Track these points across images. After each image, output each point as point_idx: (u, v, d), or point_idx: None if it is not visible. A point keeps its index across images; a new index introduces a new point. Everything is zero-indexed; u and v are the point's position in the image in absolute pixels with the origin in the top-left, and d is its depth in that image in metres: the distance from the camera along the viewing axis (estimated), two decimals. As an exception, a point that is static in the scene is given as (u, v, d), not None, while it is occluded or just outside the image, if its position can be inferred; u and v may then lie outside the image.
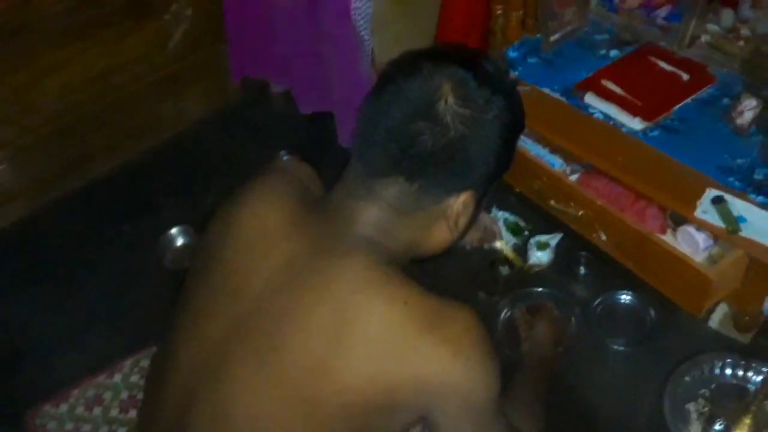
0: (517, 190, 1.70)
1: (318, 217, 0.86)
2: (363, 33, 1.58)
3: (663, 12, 1.77)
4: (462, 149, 0.80)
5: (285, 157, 1.72)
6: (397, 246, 0.86)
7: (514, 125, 0.86)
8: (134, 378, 1.41)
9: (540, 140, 1.65)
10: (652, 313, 1.50)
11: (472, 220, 0.90)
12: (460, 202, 0.84)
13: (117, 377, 1.42)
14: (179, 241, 1.78)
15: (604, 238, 1.49)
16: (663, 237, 1.44)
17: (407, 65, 0.82)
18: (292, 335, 0.78)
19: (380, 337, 0.76)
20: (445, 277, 1.59)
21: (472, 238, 1.53)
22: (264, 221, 0.87)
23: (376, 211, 0.83)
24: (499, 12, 1.70)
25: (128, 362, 1.44)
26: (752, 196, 1.35)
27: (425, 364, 0.76)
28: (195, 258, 0.97)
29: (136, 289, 1.70)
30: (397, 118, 0.80)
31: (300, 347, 0.78)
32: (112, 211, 1.92)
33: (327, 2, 1.58)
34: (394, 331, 0.77)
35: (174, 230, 1.79)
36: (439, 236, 0.88)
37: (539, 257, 1.65)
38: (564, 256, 1.65)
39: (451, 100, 0.79)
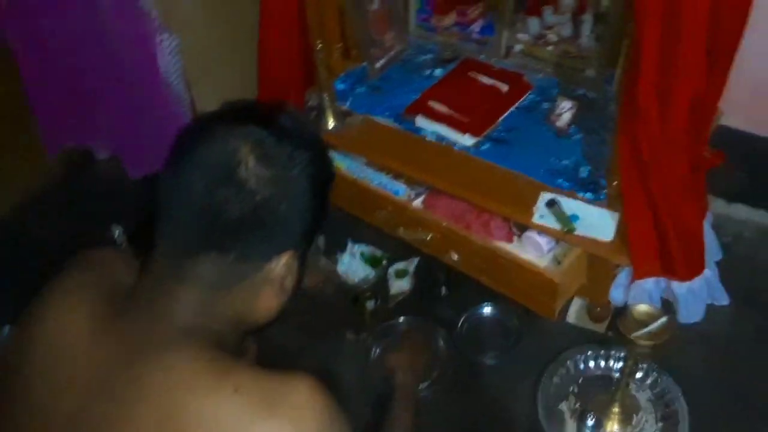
0: (367, 221, 1.68)
1: (129, 314, 0.78)
2: (177, 88, 1.51)
3: (477, 27, 1.83)
4: (272, 211, 0.77)
5: (117, 231, 1.59)
6: (223, 326, 0.80)
7: (323, 176, 0.83)
8: None
9: (380, 169, 1.64)
10: (515, 321, 1.53)
11: (300, 279, 0.87)
12: (282, 265, 0.80)
13: None
14: (11, 341, 1.60)
15: (456, 257, 1.50)
16: (510, 246, 1.47)
17: (200, 132, 0.77)
18: None
19: None
20: (309, 323, 1.54)
21: (312, 283, 1.51)
22: (67, 330, 0.78)
23: (192, 293, 0.77)
24: (320, 46, 1.68)
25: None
26: (581, 194, 1.40)
27: None
28: None
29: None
30: (198, 190, 0.75)
31: None
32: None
33: (133, 62, 1.48)
34: (228, 423, 0.70)
35: (5, 330, 1.60)
36: (267, 303, 0.83)
37: (400, 286, 1.64)
38: (424, 280, 1.65)
39: (251, 163, 0.75)
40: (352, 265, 1.74)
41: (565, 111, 1.53)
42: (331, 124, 1.68)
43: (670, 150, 1.16)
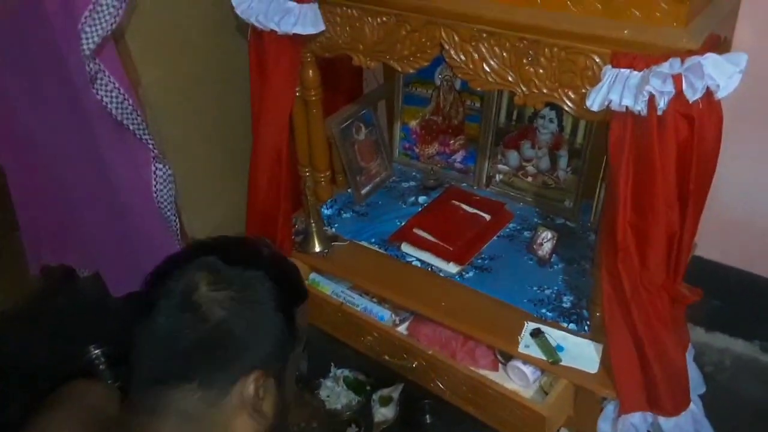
0: (351, 345, 1.67)
1: None
2: (168, 213, 1.54)
3: (459, 156, 1.91)
4: (228, 332, 0.79)
5: (95, 352, 1.57)
6: None
7: (287, 294, 0.86)
8: None
9: (365, 293, 1.66)
10: (502, 452, 1.50)
11: (279, 400, 0.86)
12: (251, 386, 0.81)
13: None
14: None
15: (441, 385, 1.49)
16: (496, 375, 1.47)
17: (162, 273, 0.82)
18: None
19: None
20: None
21: (298, 420, 1.49)
22: None
23: (166, 426, 0.78)
24: (307, 174, 1.74)
25: None
26: (564, 324, 1.42)
27: None
28: None
29: None
30: (161, 322, 0.79)
31: None
32: None
33: (127, 189, 1.51)
34: None
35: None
36: (245, 430, 0.83)
37: (384, 414, 1.61)
38: (409, 407, 1.62)
39: (203, 288, 0.79)
40: (335, 390, 1.71)
41: (546, 241, 1.58)
42: (317, 248, 1.71)
43: (650, 285, 1.19)
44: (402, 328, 1.59)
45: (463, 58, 1.23)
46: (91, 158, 1.56)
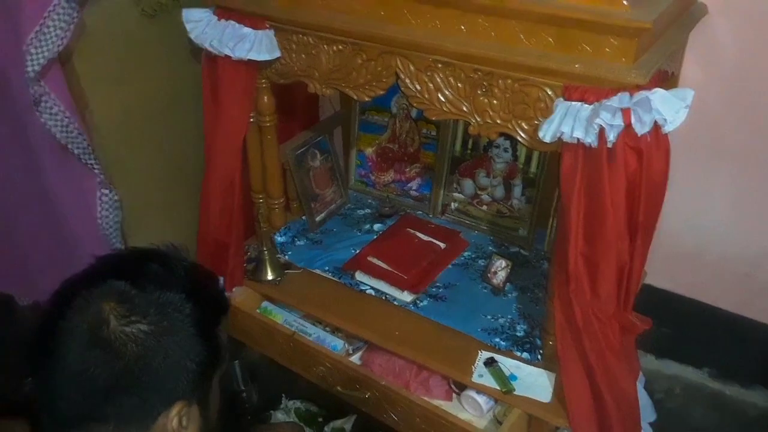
0: (303, 376, 1.63)
1: None
2: (114, 240, 1.49)
3: (414, 184, 1.91)
4: (144, 368, 0.74)
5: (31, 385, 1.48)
6: None
7: (206, 316, 0.81)
8: None
9: (318, 322, 1.63)
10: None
11: (203, 424, 0.82)
12: (173, 419, 0.77)
13: None
14: None
15: (394, 417, 1.46)
16: (449, 405, 1.45)
17: (62, 300, 0.76)
18: None
19: None
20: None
21: None
22: None
23: None
24: (261, 201, 1.71)
25: None
26: (518, 353, 1.42)
27: None
28: None
29: None
30: (68, 361, 0.73)
31: None
32: None
33: (71, 215, 1.46)
34: None
35: None
36: None
37: (336, 446, 1.57)
38: (362, 439, 1.59)
39: (113, 322, 0.73)
40: (286, 422, 1.66)
41: (500, 269, 1.58)
42: (270, 276, 1.67)
43: (602, 314, 1.20)
44: (355, 358, 1.56)
45: (418, 87, 1.23)
46: (33, 182, 1.50)
